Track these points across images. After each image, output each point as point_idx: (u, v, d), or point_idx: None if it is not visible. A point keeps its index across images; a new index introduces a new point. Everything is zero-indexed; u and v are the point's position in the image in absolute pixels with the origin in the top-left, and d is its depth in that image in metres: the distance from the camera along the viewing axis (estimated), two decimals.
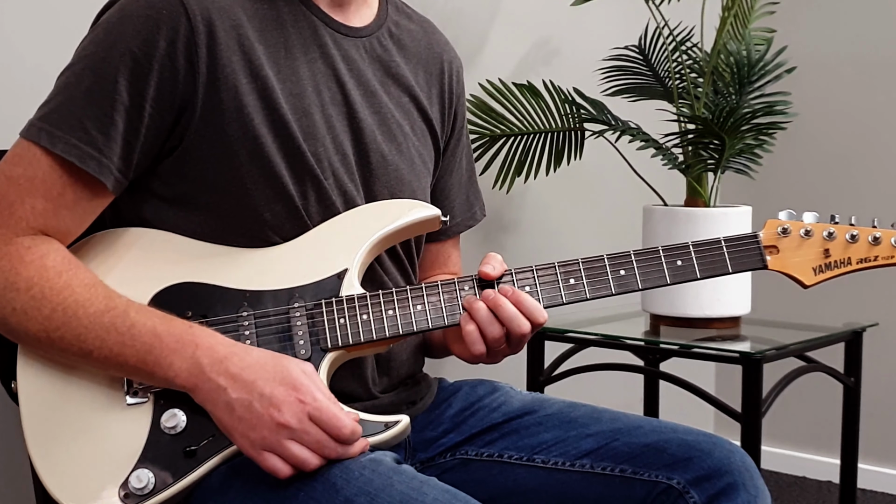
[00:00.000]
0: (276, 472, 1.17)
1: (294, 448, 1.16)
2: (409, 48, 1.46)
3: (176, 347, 1.19)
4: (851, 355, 2.39)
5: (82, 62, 1.25)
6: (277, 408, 1.16)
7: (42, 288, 1.19)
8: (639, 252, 1.32)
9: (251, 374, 1.18)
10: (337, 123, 1.34)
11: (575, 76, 2.58)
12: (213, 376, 1.18)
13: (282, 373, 1.18)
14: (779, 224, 1.34)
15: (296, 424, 1.16)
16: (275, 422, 1.16)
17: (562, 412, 1.43)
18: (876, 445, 2.97)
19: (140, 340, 1.19)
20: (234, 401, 1.17)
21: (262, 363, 1.19)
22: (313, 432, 1.16)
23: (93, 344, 1.19)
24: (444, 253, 1.55)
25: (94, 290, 1.21)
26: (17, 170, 1.22)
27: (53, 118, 1.22)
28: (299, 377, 1.18)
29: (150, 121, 1.24)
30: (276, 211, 1.28)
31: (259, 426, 1.16)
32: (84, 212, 1.25)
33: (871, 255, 1.33)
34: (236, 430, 1.18)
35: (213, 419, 1.20)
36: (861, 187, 3.06)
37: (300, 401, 1.17)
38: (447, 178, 1.53)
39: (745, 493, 1.30)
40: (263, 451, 1.17)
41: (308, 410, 1.16)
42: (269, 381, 1.17)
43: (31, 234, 1.22)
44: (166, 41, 1.23)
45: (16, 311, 1.20)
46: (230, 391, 1.17)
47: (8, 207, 1.21)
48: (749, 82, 2.29)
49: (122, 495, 1.19)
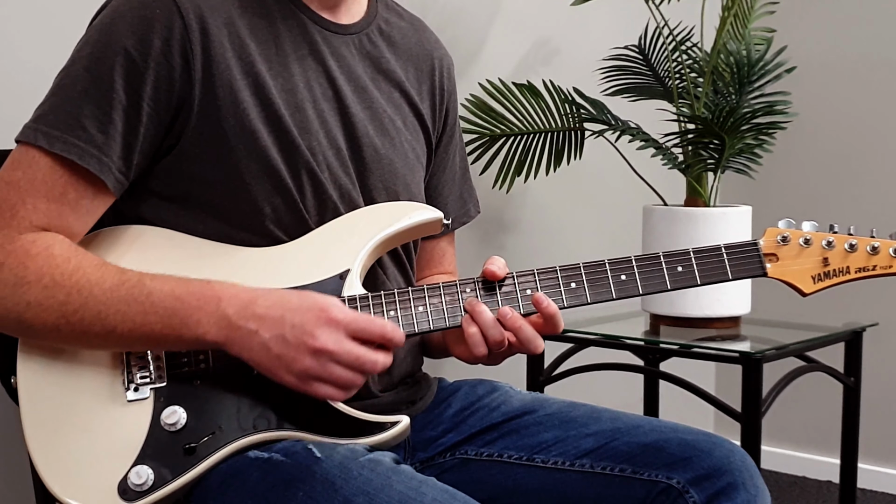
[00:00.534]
0: (331, 398, 1.19)
1: (338, 370, 1.18)
2: (399, 45, 1.47)
3: (199, 305, 1.19)
4: (851, 355, 2.40)
5: (77, 63, 1.25)
6: (311, 334, 1.17)
7: (53, 275, 1.19)
8: (640, 258, 1.33)
9: (278, 311, 1.18)
10: (329, 118, 1.34)
11: (575, 76, 2.58)
12: (242, 323, 1.18)
13: (307, 300, 1.19)
14: (778, 232, 1.36)
15: (333, 346, 1.17)
16: (312, 349, 1.17)
17: (561, 412, 1.43)
18: (876, 445, 2.97)
19: (162, 306, 1.19)
20: (268, 340, 1.17)
21: (287, 298, 1.20)
22: (353, 349, 1.18)
23: (115, 319, 1.19)
24: (440, 250, 1.56)
25: (105, 269, 1.20)
26: (16, 174, 1.22)
27: (50, 119, 1.22)
28: (325, 300, 1.20)
29: (149, 120, 1.24)
30: (275, 204, 1.29)
31: (299, 357, 1.17)
32: (86, 212, 1.25)
33: (869, 265, 1.35)
34: (278, 369, 1.18)
35: (254, 366, 1.20)
36: (861, 187, 3.06)
37: (332, 320, 1.18)
38: (440, 174, 1.53)
39: (745, 493, 1.30)
40: (312, 382, 1.18)
41: (343, 328, 1.18)
42: (297, 311, 1.18)
43: (35, 231, 1.22)
44: (161, 40, 1.23)
45: (30, 304, 1.19)
46: (262, 332, 1.18)
47: (10, 209, 1.21)
48: (749, 82, 2.29)
49: (122, 491, 1.19)
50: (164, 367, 1.24)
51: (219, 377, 1.24)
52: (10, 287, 1.19)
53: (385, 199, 1.39)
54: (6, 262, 1.20)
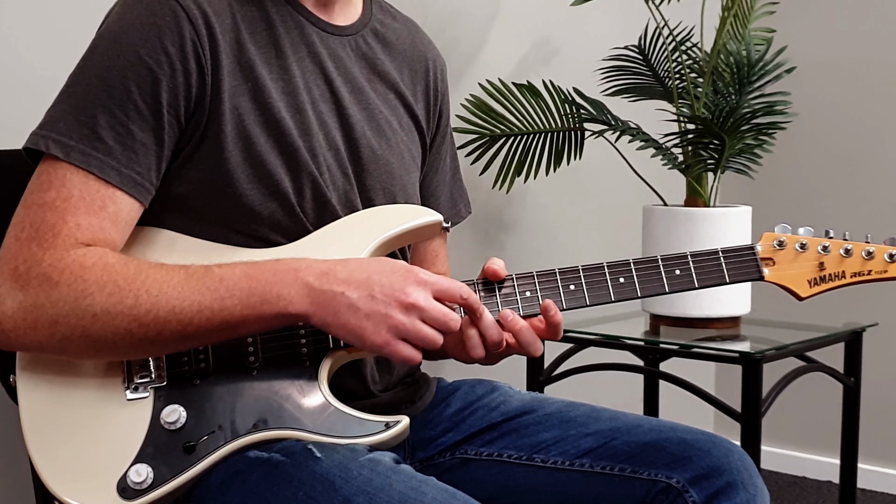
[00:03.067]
0: (413, 360, 1.20)
1: (425, 329, 1.19)
2: (394, 46, 1.47)
3: (276, 279, 1.19)
4: (851, 355, 2.40)
5: (89, 73, 1.23)
6: (402, 290, 1.18)
7: (116, 282, 1.17)
8: (638, 261, 1.34)
9: (362, 273, 1.19)
10: (328, 120, 1.35)
11: (575, 76, 2.58)
12: (326, 287, 1.18)
13: (389, 264, 1.21)
14: (775, 237, 1.37)
15: (424, 302, 1.19)
16: (404, 304, 1.18)
17: (561, 411, 1.43)
18: (876, 445, 2.97)
19: (238, 287, 1.18)
20: (356, 300, 1.18)
21: (365, 264, 1.21)
22: (439, 307, 1.19)
23: (191, 311, 1.17)
24: (433, 251, 1.56)
25: (166, 267, 1.19)
26: (49, 194, 1.19)
27: (61, 127, 1.20)
28: (405, 264, 1.22)
29: (170, 127, 1.23)
30: (271, 209, 1.29)
31: (391, 313, 1.18)
32: (124, 224, 1.23)
33: (864, 270, 1.36)
34: (366, 329, 1.18)
35: (339, 332, 1.20)
36: (860, 187, 3.06)
37: (420, 280, 1.20)
38: (432, 175, 1.54)
39: (744, 492, 1.30)
40: (398, 342, 1.18)
41: (430, 287, 1.20)
42: (382, 272, 1.20)
43: (81, 248, 1.19)
44: (174, 46, 1.23)
45: (97, 315, 1.16)
46: (348, 293, 1.18)
47: (51, 230, 1.18)
48: (749, 82, 2.29)
49: (121, 490, 1.19)
50: (163, 367, 1.24)
51: (219, 377, 1.24)
52: (70, 303, 1.16)
53: (383, 200, 1.39)
54: (62, 280, 1.16)
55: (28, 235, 1.18)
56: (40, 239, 1.18)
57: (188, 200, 1.28)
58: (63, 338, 1.17)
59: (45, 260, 1.17)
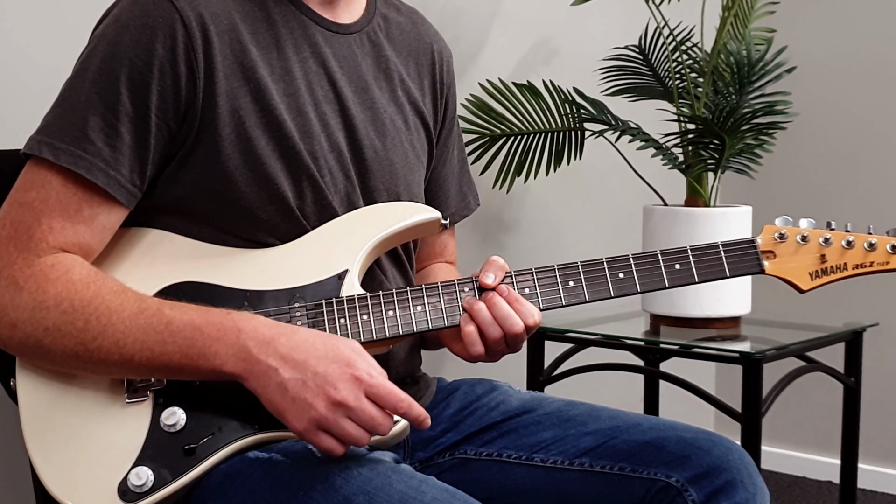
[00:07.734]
0: (332, 451, 1.16)
1: (349, 427, 1.15)
2: (399, 40, 1.47)
3: (218, 336, 1.17)
4: (851, 355, 2.39)
5: (82, 75, 1.24)
6: (333, 385, 1.15)
7: (72, 301, 1.18)
8: (637, 256, 1.33)
9: (301, 354, 1.16)
10: (331, 121, 1.34)
11: (575, 76, 2.58)
12: (262, 358, 1.16)
13: (333, 350, 1.17)
14: (775, 230, 1.35)
15: (353, 402, 1.14)
16: (332, 400, 1.14)
17: (560, 411, 1.43)
18: (876, 445, 2.97)
19: (181, 335, 1.18)
20: (287, 381, 1.15)
21: (311, 342, 1.18)
22: (369, 409, 1.15)
23: (133, 348, 1.18)
24: (440, 243, 1.56)
25: (125, 296, 1.19)
26: (29, 194, 1.21)
27: (55, 131, 1.21)
28: (351, 354, 1.17)
29: (157, 130, 1.23)
30: (270, 213, 1.29)
31: (316, 405, 1.14)
32: (103, 228, 1.24)
33: (866, 261, 1.35)
34: (290, 412, 1.16)
35: (265, 403, 1.17)
36: (861, 187, 3.06)
37: (356, 378, 1.15)
38: (440, 168, 1.53)
39: (744, 491, 1.30)
40: (319, 432, 1.15)
41: (364, 388, 1.15)
42: (321, 359, 1.16)
43: (53, 253, 1.20)
44: (164, 48, 1.23)
45: (48, 329, 1.18)
46: (282, 371, 1.16)
47: (26, 231, 1.20)
48: (749, 82, 2.29)
49: (121, 493, 1.19)
50: None
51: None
52: (28, 311, 1.18)
53: (386, 200, 1.39)
54: (25, 287, 1.19)
55: (7, 234, 1.21)
56: (17, 239, 1.20)
57: (186, 203, 1.28)
58: (20, 342, 1.20)
59: (17, 262, 1.19)
